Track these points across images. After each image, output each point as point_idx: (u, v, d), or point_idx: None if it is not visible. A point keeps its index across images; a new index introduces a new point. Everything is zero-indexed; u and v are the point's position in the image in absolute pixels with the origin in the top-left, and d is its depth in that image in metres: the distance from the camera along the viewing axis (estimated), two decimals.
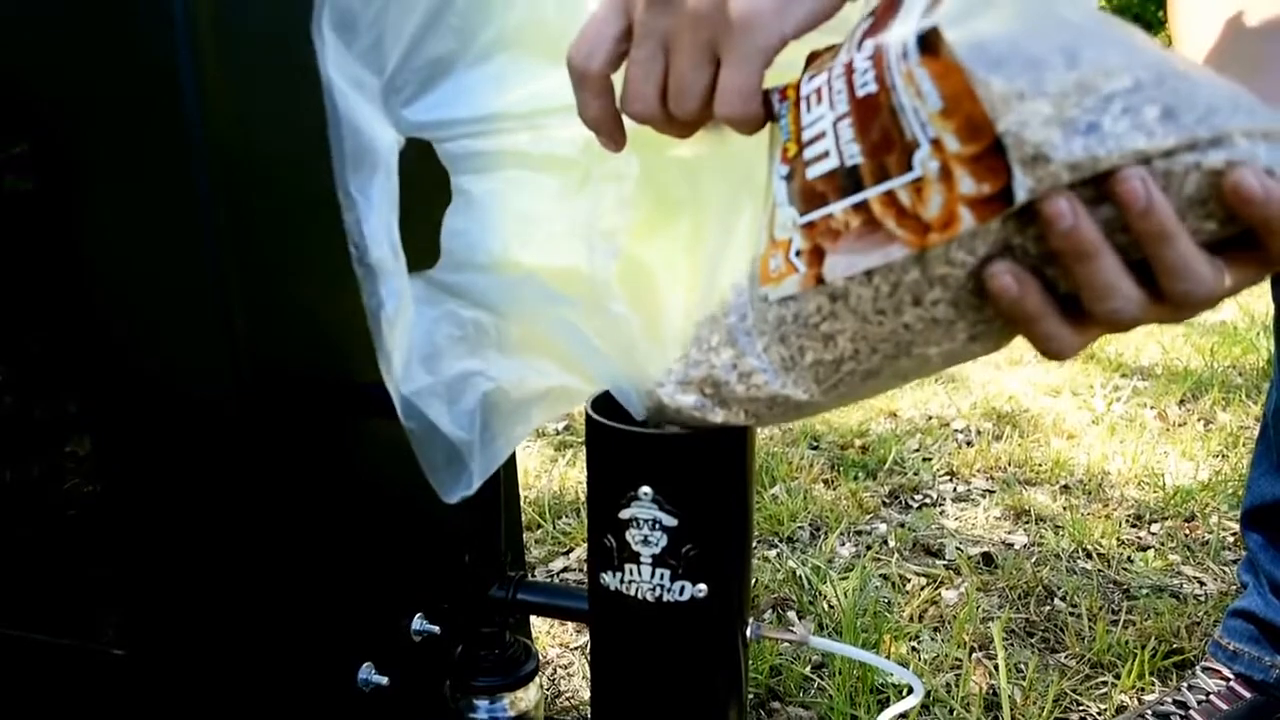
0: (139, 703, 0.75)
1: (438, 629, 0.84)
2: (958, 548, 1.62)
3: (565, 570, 1.58)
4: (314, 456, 0.70)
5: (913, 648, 1.34)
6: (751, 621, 0.68)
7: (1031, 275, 0.42)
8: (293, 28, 0.59)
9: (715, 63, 0.48)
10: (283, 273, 0.66)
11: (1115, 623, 1.40)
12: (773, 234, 0.48)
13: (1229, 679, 1.16)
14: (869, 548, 1.62)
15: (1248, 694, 1.15)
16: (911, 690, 0.78)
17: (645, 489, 0.57)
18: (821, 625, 1.40)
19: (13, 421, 0.73)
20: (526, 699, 0.82)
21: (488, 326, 0.62)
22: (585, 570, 0.70)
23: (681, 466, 0.57)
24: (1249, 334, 2.94)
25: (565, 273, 0.59)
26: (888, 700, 1.21)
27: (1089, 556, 1.59)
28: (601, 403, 0.60)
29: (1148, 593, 1.47)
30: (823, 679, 1.26)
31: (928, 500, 1.83)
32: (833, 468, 1.96)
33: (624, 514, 0.58)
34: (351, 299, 0.55)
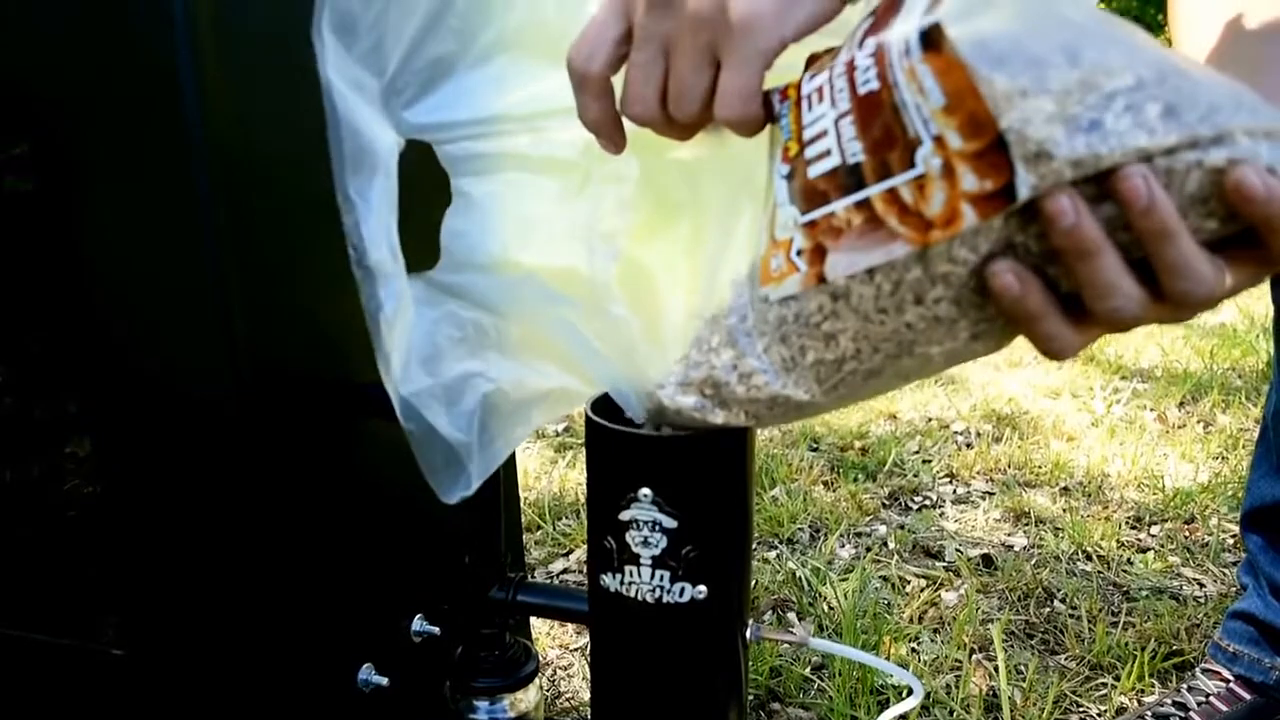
0: (139, 703, 0.74)
1: (438, 630, 0.84)
2: (957, 549, 1.62)
3: (565, 572, 1.58)
4: (314, 457, 0.70)
5: (912, 649, 1.34)
6: (751, 623, 0.68)
7: (1033, 274, 0.42)
8: (293, 28, 0.59)
9: (715, 65, 0.48)
10: (283, 273, 0.66)
11: (1115, 624, 1.40)
12: (774, 234, 0.48)
13: (1229, 681, 1.16)
14: (869, 549, 1.62)
15: (1247, 695, 1.15)
16: (911, 692, 0.78)
17: (645, 491, 0.57)
18: (821, 627, 1.40)
19: (13, 422, 0.73)
20: (526, 700, 0.82)
21: (488, 328, 0.62)
22: (585, 572, 0.70)
23: (681, 468, 0.57)
24: (1249, 336, 2.94)
25: (565, 274, 0.59)
26: (888, 702, 1.21)
27: (1089, 558, 1.59)
28: (601, 404, 0.60)
29: (1147, 594, 1.47)
30: (822, 680, 1.26)
31: (927, 502, 1.83)
32: (832, 469, 1.96)
33: (624, 516, 0.58)
34: (351, 299, 0.55)
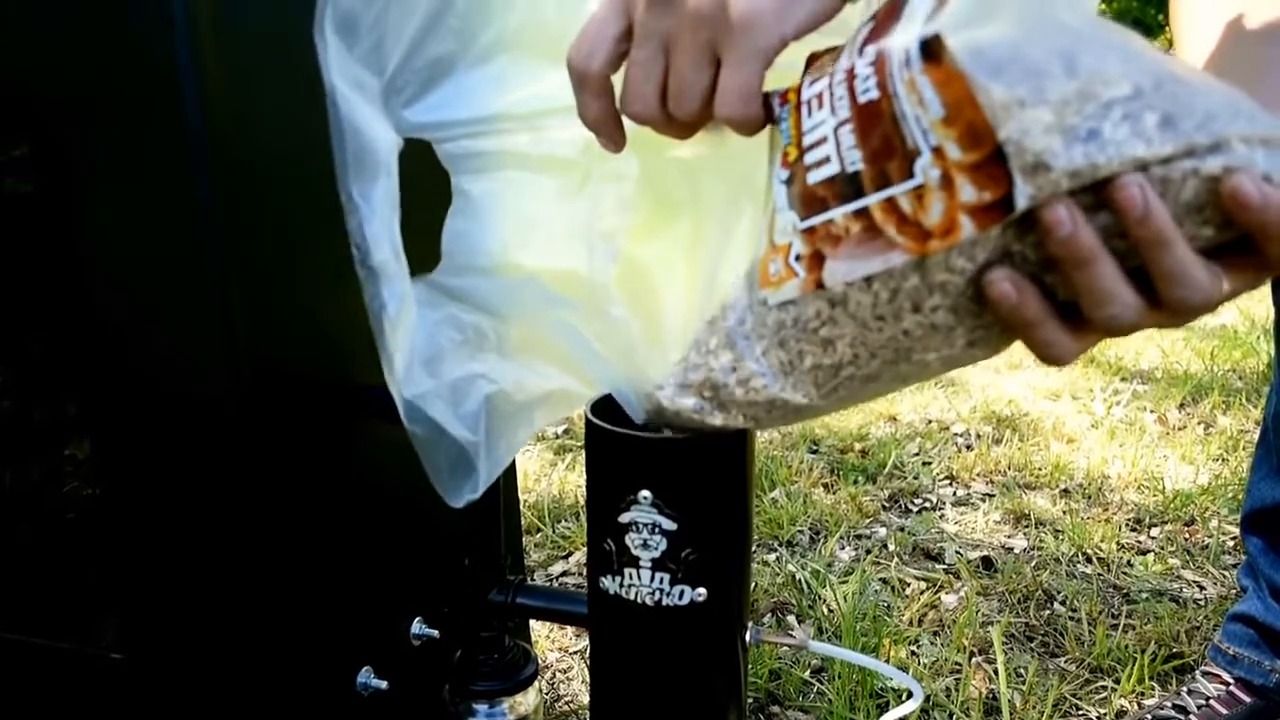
0: (138, 707, 0.74)
1: (437, 633, 0.84)
2: (957, 552, 1.61)
3: (565, 574, 1.57)
4: (314, 458, 0.70)
5: (912, 652, 1.34)
6: (751, 625, 0.68)
7: (1030, 282, 0.42)
8: (293, 27, 0.59)
9: (715, 64, 0.48)
10: (283, 273, 0.65)
11: (1115, 627, 1.39)
12: (773, 238, 0.48)
13: (1229, 683, 1.16)
14: (868, 552, 1.62)
15: (1247, 698, 1.15)
16: (911, 695, 0.77)
17: (645, 493, 0.57)
18: (821, 629, 1.39)
19: (13, 424, 0.73)
20: (526, 703, 0.82)
21: (488, 330, 0.62)
22: (585, 574, 0.70)
23: (681, 470, 0.57)
24: (1249, 338, 2.95)
25: (565, 275, 0.59)
26: (887, 704, 1.21)
27: (1089, 560, 1.59)
28: (601, 406, 0.60)
29: (1147, 597, 1.47)
30: (822, 683, 1.26)
31: (927, 504, 1.83)
32: (832, 472, 1.96)
33: (623, 518, 0.58)
34: (352, 299, 0.55)
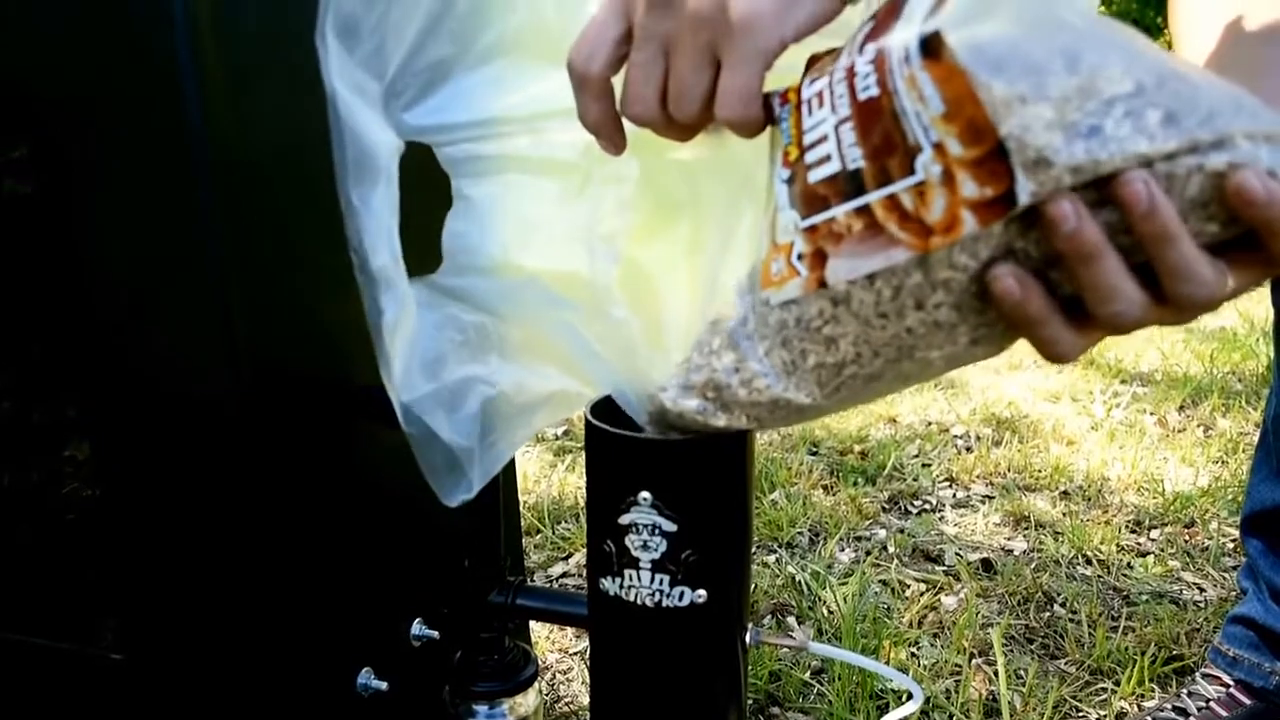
0: (138, 708, 0.74)
1: (437, 634, 0.84)
2: (957, 553, 1.61)
3: (564, 575, 1.57)
4: (314, 459, 0.70)
5: (912, 653, 1.34)
6: (751, 627, 0.68)
7: (1034, 278, 0.42)
8: (293, 27, 0.59)
9: (715, 65, 0.48)
10: (283, 273, 0.65)
11: (1115, 629, 1.39)
12: (774, 237, 0.48)
13: (1229, 685, 1.16)
14: (868, 553, 1.62)
15: (1247, 700, 1.15)
16: (911, 696, 0.77)
17: (645, 494, 0.57)
18: (821, 631, 1.39)
19: (12, 426, 0.73)
20: (525, 704, 0.81)
21: (489, 331, 0.62)
22: (585, 575, 0.70)
23: (681, 472, 0.57)
24: (1249, 340, 2.95)
25: (566, 277, 0.59)
26: (887, 706, 1.21)
27: (1088, 562, 1.59)
28: (601, 408, 0.60)
29: (1147, 599, 1.47)
30: (822, 684, 1.26)
31: (927, 506, 1.83)
32: (832, 473, 1.96)
33: (623, 519, 0.58)
34: (352, 299, 0.55)
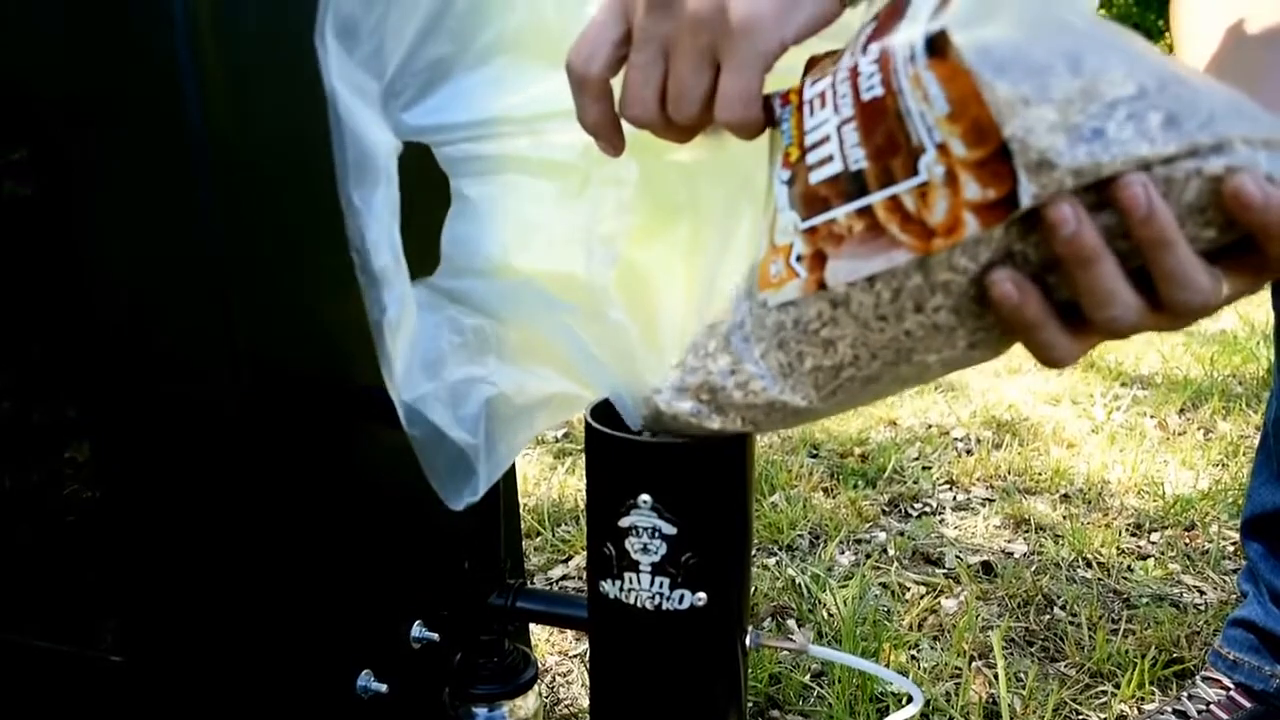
0: (138, 709, 0.74)
1: (437, 636, 0.84)
2: (957, 556, 1.61)
3: (564, 578, 1.57)
4: (314, 460, 0.70)
5: (912, 656, 1.34)
6: (751, 630, 0.68)
7: (1032, 283, 0.42)
8: (293, 27, 0.59)
9: (715, 67, 0.47)
10: (283, 273, 0.65)
11: (1115, 632, 1.39)
12: (773, 239, 0.48)
13: (1229, 688, 1.16)
14: (868, 556, 1.62)
15: (1248, 703, 1.15)
16: (911, 699, 0.77)
17: (645, 497, 0.57)
18: (821, 633, 1.39)
19: (12, 427, 0.72)
20: (525, 707, 0.81)
21: (488, 333, 0.62)
22: (585, 578, 0.70)
23: (681, 475, 0.57)
24: (1249, 343, 2.94)
25: (564, 278, 0.59)
26: (887, 709, 1.21)
27: (1089, 565, 1.59)
28: (601, 410, 0.60)
29: (1148, 602, 1.47)
30: (822, 687, 1.26)
31: (927, 509, 1.83)
32: (832, 476, 1.96)
33: (623, 522, 0.57)
34: (352, 300, 0.55)
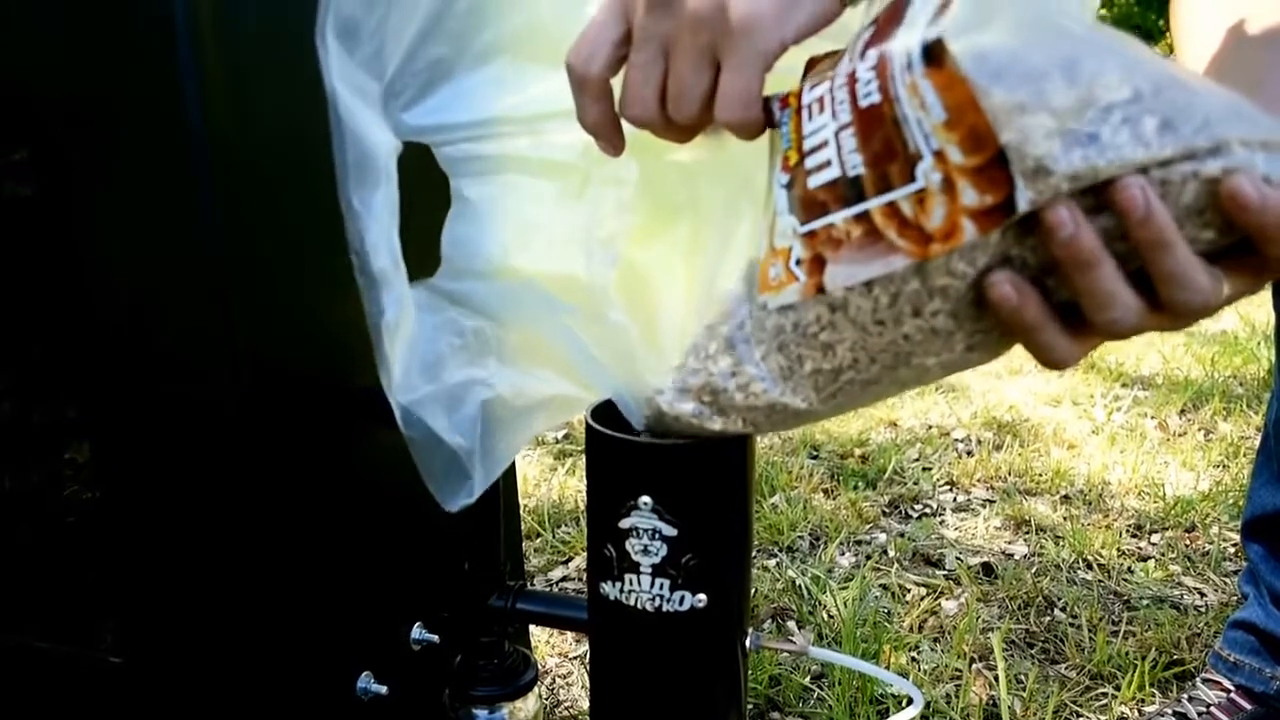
0: (137, 711, 0.74)
1: (437, 638, 0.84)
2: (958, 558, 1.61)
3: (565, 579, 1.57)
4: (314, 461, 0.70)
5: (912, 658, 1.34)
6: (751, 631, 0.68)
7: (1031, 285, 0.42)
8: (293, 27, 0.59)
9: (715, 67, 0.48)
10: (283, 273, 0.65)
11: (1115, 634, 1.39)
12: (773, 242, 0.48)
13: (1229, 690, 1.16)
14: (869, 557, 1.61)
15: (1248, 705, 1.14)
16: (911, 701, 0.77)
17: (645, 499, 0.56)
18: (821, 635, 1.39)
19: (12, 428, 0.72)
20: (525, 709, 0.81)
21: (488, 334, 0.62)
22: (585, 579, 0.70)
23: (682, 476, 0.57)
24: (1250, 344, 2.94)
25: (564, 279, 0.59)
26: (887, 711, 1.21)
27: (1089, 567, 1.59)
28: (602, 412, 0.60)
29: (1148, 603, 1.47)
30: (822, 689, 1.26)
31: (928, 510, 1.83)
32: (832, 477, 1.96)
33: (624, 523, 0.57)
34: (352, 300, 0.55)
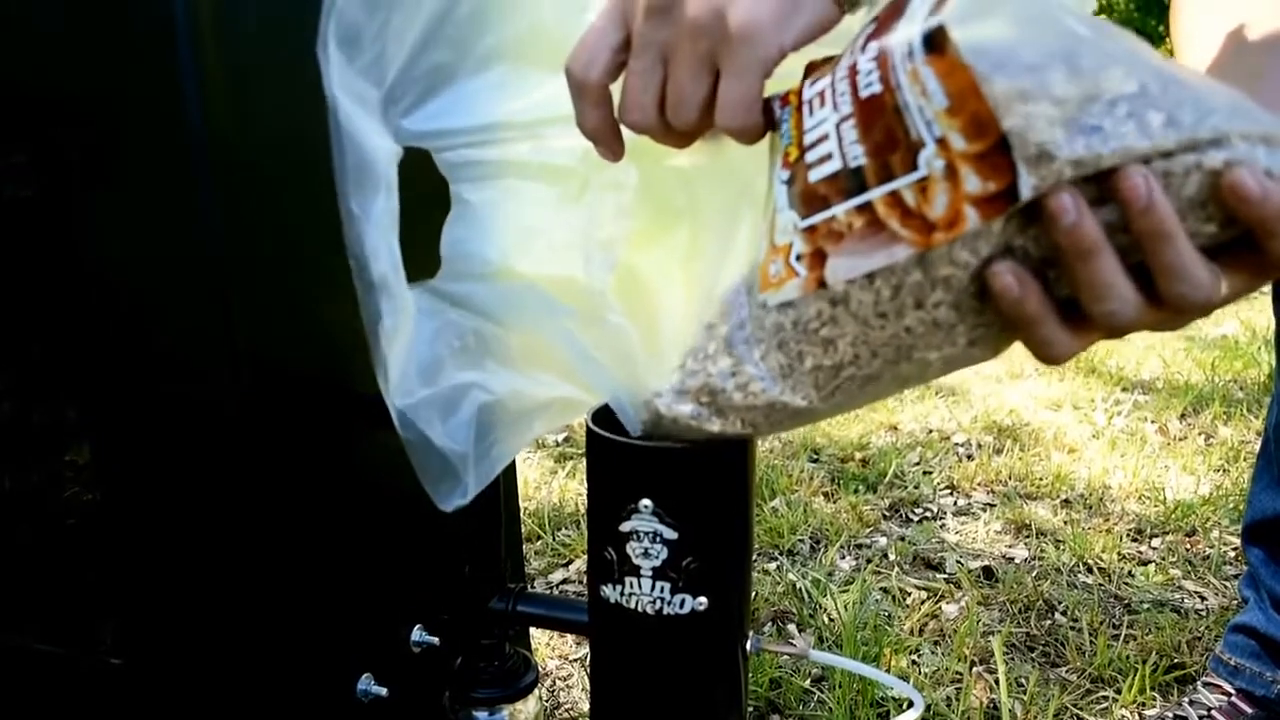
0: (137, 712, 0.74)
1: (437, 640, 0.84)
2: (958, 561, 1.61)
3: (565, 582, 1.57)
4: (314, 462, 0.70)
5: (913, 661, 1.33)
6: (751, 634, 0.68)
7: (1033, 277, 0.42)
8: (293, 28, 0.59)
9: (714, 73, 0.48)
10: (283, 273, 0.65)
11: (1116, 637, 1.39)
12: (773, 239, 0.48)
13: (1230, 694, 1.16)
14: (869, 561, 1.61)
15: (1249, 709, 1.14)
16: (912, 704, 0.77)
17: (646, 502, 0.57)
18: (821, 638, 1.39)
19: (12, 429, 0.73)
20: (526, 711, 0.81)
21: (488, 337, 0.62)
22: (585, 582, 0.70)
23: (682, 479, 0.57)
24: (1250, 348, 2.94)
25: (563, 283, 0.59)
26: (888, 714, 1.21)
27: (1090, 571, 1.59)
28: (602, 415, 0.60)
29: (1149, 607, 1.47)
30: (822, 692, 1.26)
31: (928, 514, 1.82)
32: (833, 481, 1.96)
33: (624, 527, 0.57)
34: (352, 301, 0.55)
